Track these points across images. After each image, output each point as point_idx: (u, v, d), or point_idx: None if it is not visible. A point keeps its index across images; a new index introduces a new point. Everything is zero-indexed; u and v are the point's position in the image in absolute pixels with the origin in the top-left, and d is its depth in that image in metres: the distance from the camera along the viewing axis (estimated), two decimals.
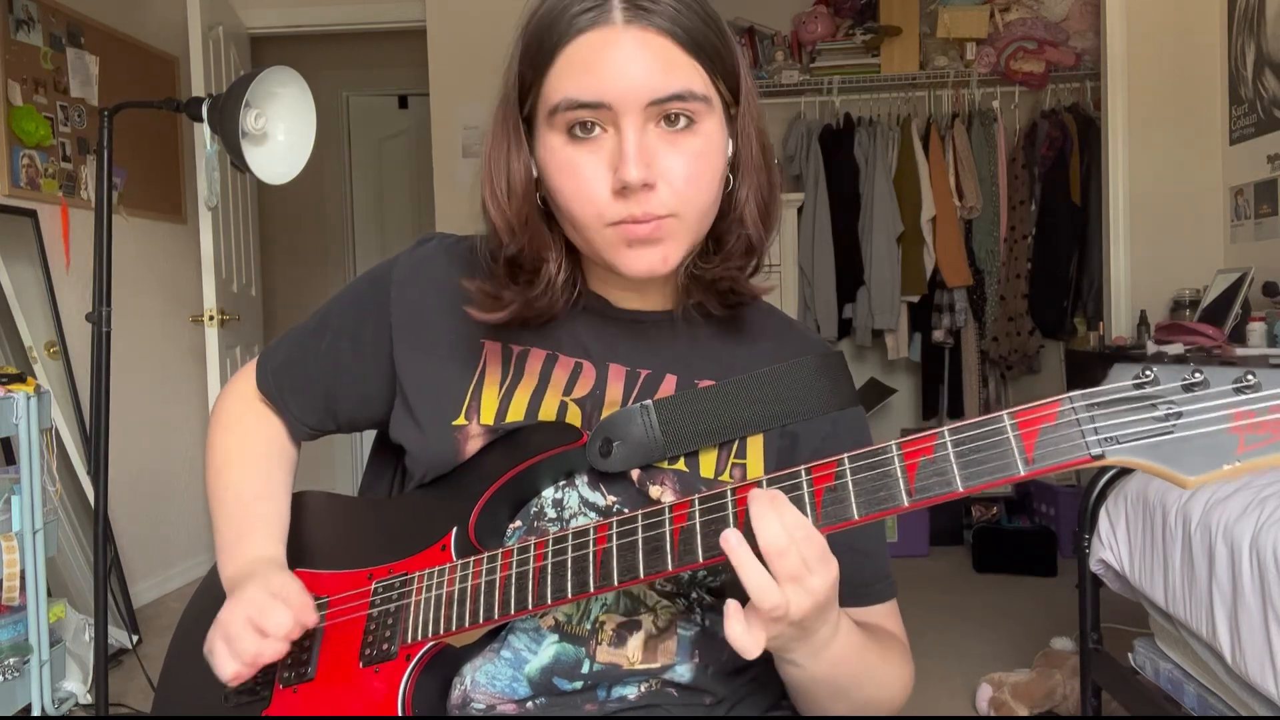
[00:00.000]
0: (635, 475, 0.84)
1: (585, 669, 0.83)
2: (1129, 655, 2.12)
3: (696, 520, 0.71)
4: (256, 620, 0.82)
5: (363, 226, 5.51)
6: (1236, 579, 1.61)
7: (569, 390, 0.87)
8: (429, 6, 4.07)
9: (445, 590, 0.81)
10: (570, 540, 0.76)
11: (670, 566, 0.71)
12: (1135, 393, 0.61)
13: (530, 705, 0.84)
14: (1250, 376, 0.58)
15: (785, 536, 0.66)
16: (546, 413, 0.86)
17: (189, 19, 3.37)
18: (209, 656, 0.84)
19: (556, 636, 0.84)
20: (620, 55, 0.75)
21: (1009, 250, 4.37)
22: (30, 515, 2.35)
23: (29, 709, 2.37)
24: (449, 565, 0.82)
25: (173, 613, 3.57)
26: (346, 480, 5.29)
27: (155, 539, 3.77)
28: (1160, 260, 3.52)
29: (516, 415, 0.86)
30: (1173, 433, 0.59)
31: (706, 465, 0.84)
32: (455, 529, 0.84)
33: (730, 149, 0.83)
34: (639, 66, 0.75)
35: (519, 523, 0.86)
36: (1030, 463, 0.63)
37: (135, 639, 3.20)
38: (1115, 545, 2.02)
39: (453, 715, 0.84)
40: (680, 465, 0.84)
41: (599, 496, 0.85)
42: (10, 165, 3.11)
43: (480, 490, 0.84)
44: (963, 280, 4.34)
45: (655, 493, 0.83)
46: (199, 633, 0.87)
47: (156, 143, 3.90)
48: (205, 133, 2.28)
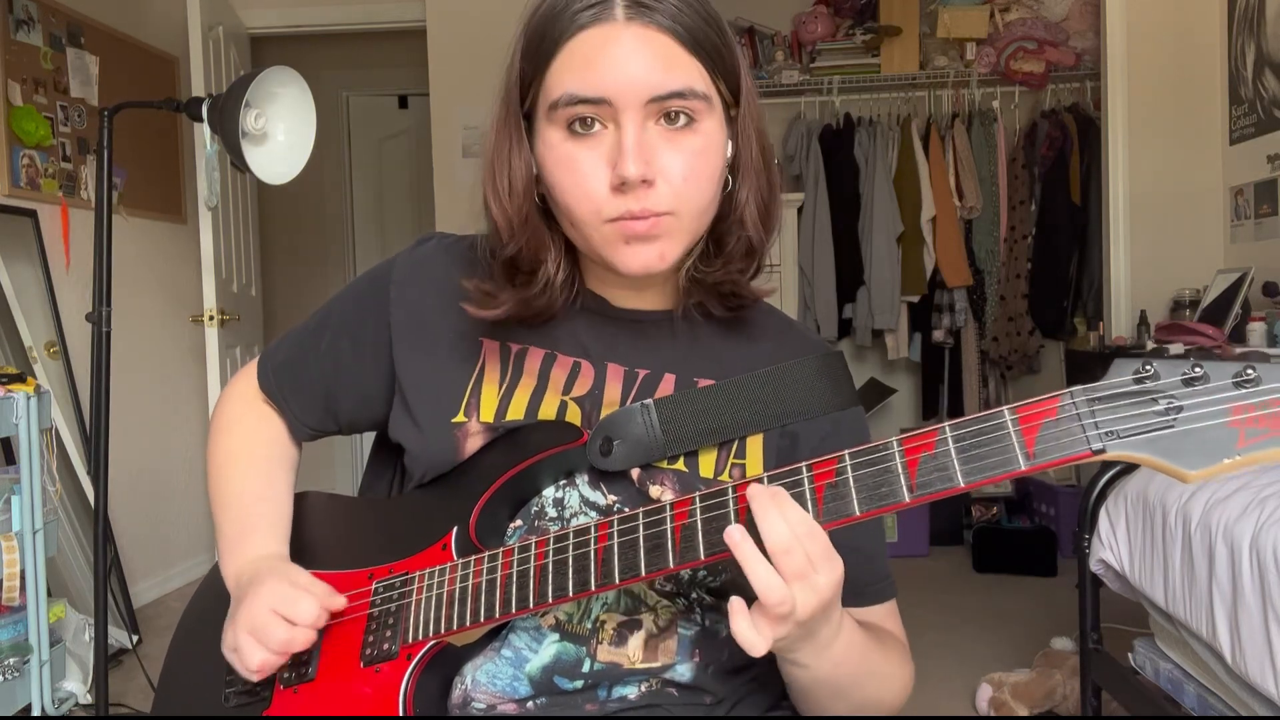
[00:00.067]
0: (635, 475, 0.84)
1: (586, 668, 0.83)
2: (1129, 655, 2.12)
3: (698, 517, 0.71)
4: (283, 611, 0.81)
5: (363, 226, 5.50)
6: (1236, 579, 1.61)
7: (568, 389, 0.87)
8: (429, 6, 4.07)
9: (446, 589, 0.81)
10: (571, 539, 0.76)
11: (672, 564, 0.71)
12: (1135, 388, 0.61)
13: (531, 704, 0.84)
14: (1250, 371, 0.58)
15: (789, 534, 0.66)
16: (546, 412, 0.86)
17: (189, 19, 3.38)
18: (231, 653, 0.84)
19: (557, 636, 0.84)
20: (621, 52, 0.75)
21: (1009, 250, 4.37)
22: (30, 515, 2.35)
23: (29, 709, 2.37)
24: (450, 564, 0.82)
25: (173, 613, 3.57)
26: (346, 480, 5.29)
27: (155, 539, 3.77)
28: (1160, 260, 3.52)
29: (516, 415, 0.86)
30: (1173, 427, 0.59)
31: (706, 465, 0.84)
32: (456, 528, 0.84)
33: (730, 150, 0.83)
34: (640, 63, 0.75)
35: (520, 522, 0.86)
36: (1031, 457, 0.63)
37: (135, 639, 3.20)
38: (1115, 545, 2.02)
39: (454, 715, 0.84)
40: (680, 465, 0.84)
41: (599, 496, 0.84)
42: (10, 165, 3.11)
43: (481, 489, 0.84)
44: (963, 280, 4.34)
45: (655, 492, 0.83)
46: (201, 632, 0.87)
47: (156, 143, 3.90)
48: (205, 133, 2.28)
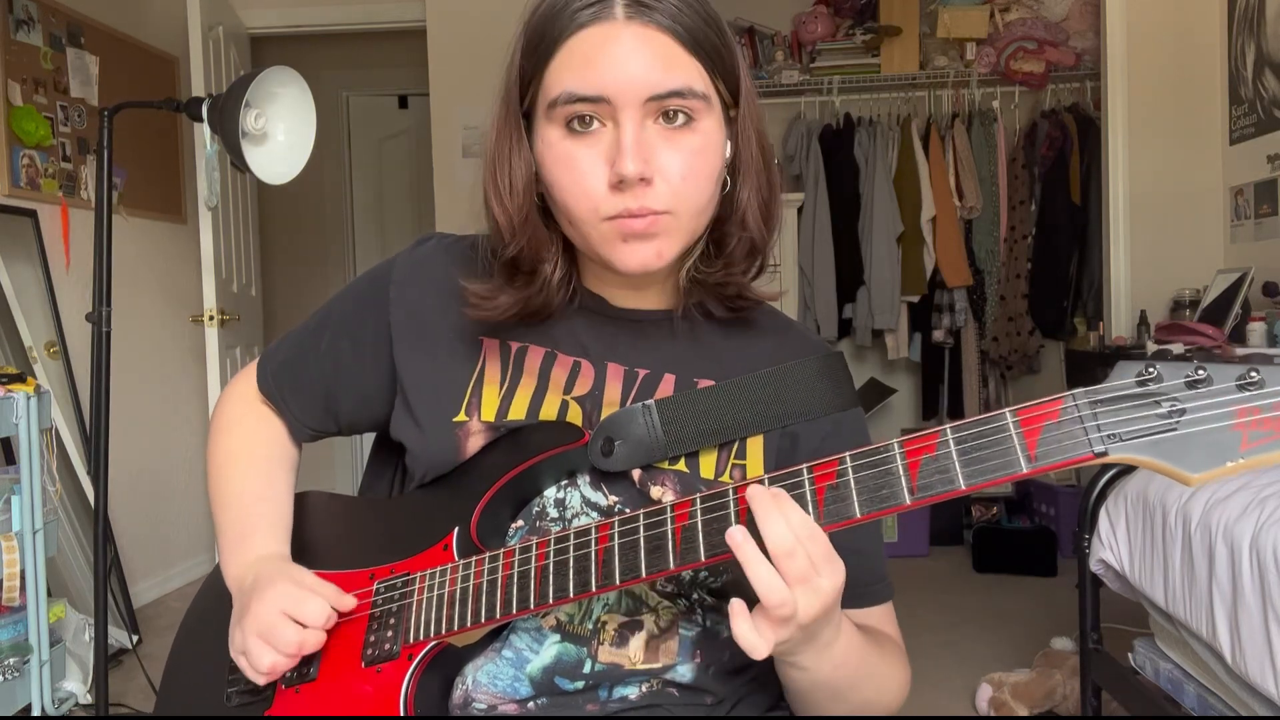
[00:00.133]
0: (636, 475, 0.83)
1: (587, 669, 0.83)
2: (1129, 655, 2.12)
3: (699, 519, 0.71)
4: (292, 612, 0.81)
5: (363, 226, 5.50)
6: (1236, 579, 1.61)
7: (569, 389, 0.87)
8: (429, 6, 4.07)
9: (447, 590, 0.81)
10: (572, 539, 0.76)
11: (672, 565, 0.71)
12: (1138, 390, 0.61)
13: (532, 705, 0.84)
14: (1254, 374, 0.58)
15: (791, 536, 0.65)
16: (548, 412, 0.86)
17: (189, 19, 3.37)
18: (239, 656, 0.83)
19: (558, 636, 0.84)
20: (621, 50, 0.75)
21: (1009, 250, 4.37)
22: (30, 515, 2.35)
23: (29, 709, 2.37)
24: (451, 565, 0.82)
25: (173, 613, 3.57)
26: (347, 480, 5.29)
27: (155, 539, 3.77)
28: (1160, 260, 3.52)
29: (518, 415, 0.86)
30: (1176, 430, 0.59)
31: (706, 466, 0.84)
32: (457, 528, 0.84)
33: (729, 150, 0.83)
34: (639, 62, 0.75)
35: (521, 522, 0.86)
36: (1033, 460, 0.62)
37: (135, 639, 3.20)
38: (1115, 545, 2.01)
39: (454, 715, 0.84)
40: (680, 466, 0.84)
41: (601, 496, 0.84)
42: (10, 165, 3.11)
43: (482, 490, 0.84)
44: (963, 280, 4.34)
45: (656, 493, 0.83)
46: (203, 632, 0.87)
47: (156, 143, 3.90)
48: (205, 133, 2.28)
